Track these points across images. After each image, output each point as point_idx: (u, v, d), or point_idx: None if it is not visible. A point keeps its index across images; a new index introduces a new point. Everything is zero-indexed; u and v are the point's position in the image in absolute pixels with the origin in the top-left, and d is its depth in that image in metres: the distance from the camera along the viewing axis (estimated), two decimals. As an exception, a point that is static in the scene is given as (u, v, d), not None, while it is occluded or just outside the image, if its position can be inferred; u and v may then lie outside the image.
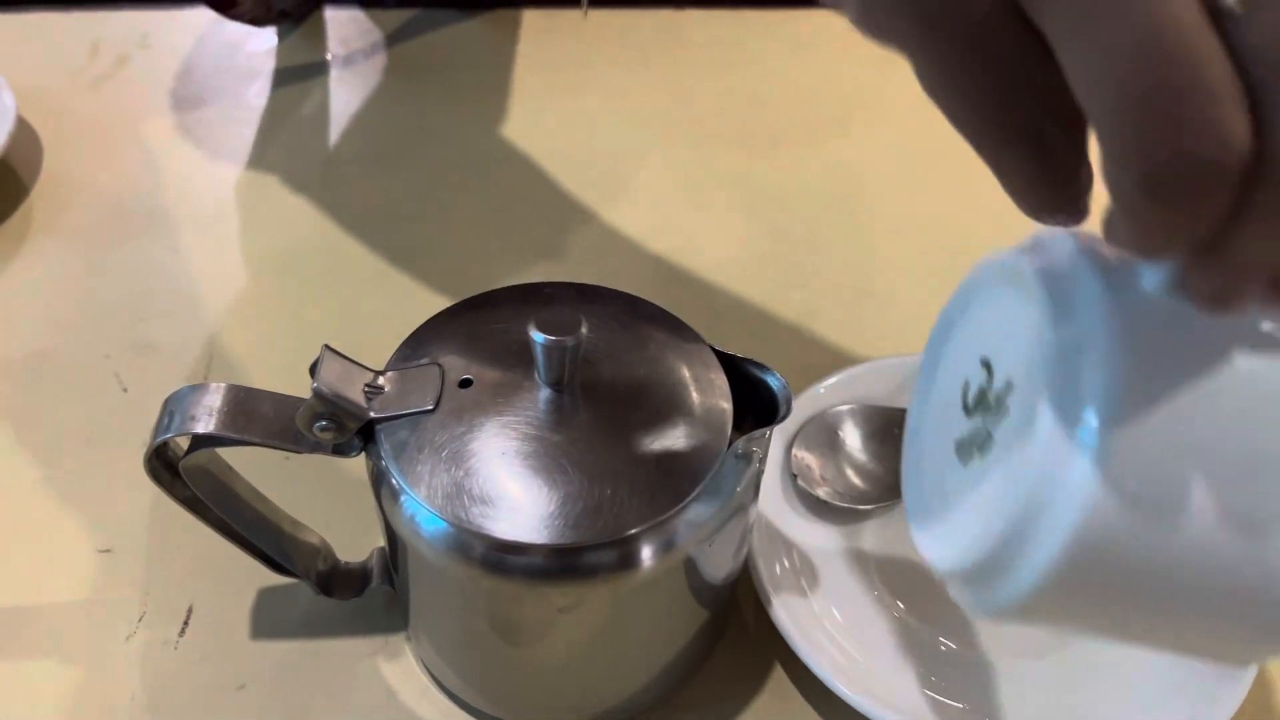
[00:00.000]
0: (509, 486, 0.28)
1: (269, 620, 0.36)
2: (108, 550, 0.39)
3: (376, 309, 0.47)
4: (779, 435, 0.39)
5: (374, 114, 0.58)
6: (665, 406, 0.30)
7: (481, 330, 0.32)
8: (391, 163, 0.55)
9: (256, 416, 0.30)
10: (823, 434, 0.39)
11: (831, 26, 0.65)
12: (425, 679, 0.35)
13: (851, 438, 0.39)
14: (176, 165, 0.55)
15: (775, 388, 0.30)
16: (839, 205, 0.53)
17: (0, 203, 0.51)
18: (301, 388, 0.29)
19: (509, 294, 0.33)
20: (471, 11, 0.65)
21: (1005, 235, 0.24)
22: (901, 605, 0.36)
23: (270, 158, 0.55)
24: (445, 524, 0.28)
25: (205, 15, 0.59)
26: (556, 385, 0.30)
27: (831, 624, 0.35)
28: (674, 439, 0.29)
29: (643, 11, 0.66)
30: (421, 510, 0.28)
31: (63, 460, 0.41)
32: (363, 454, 0.31)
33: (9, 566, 0.38)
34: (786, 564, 0.36)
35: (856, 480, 0.38)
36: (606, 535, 0.28)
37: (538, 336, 0.29)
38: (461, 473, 0.28)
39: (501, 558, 0.28)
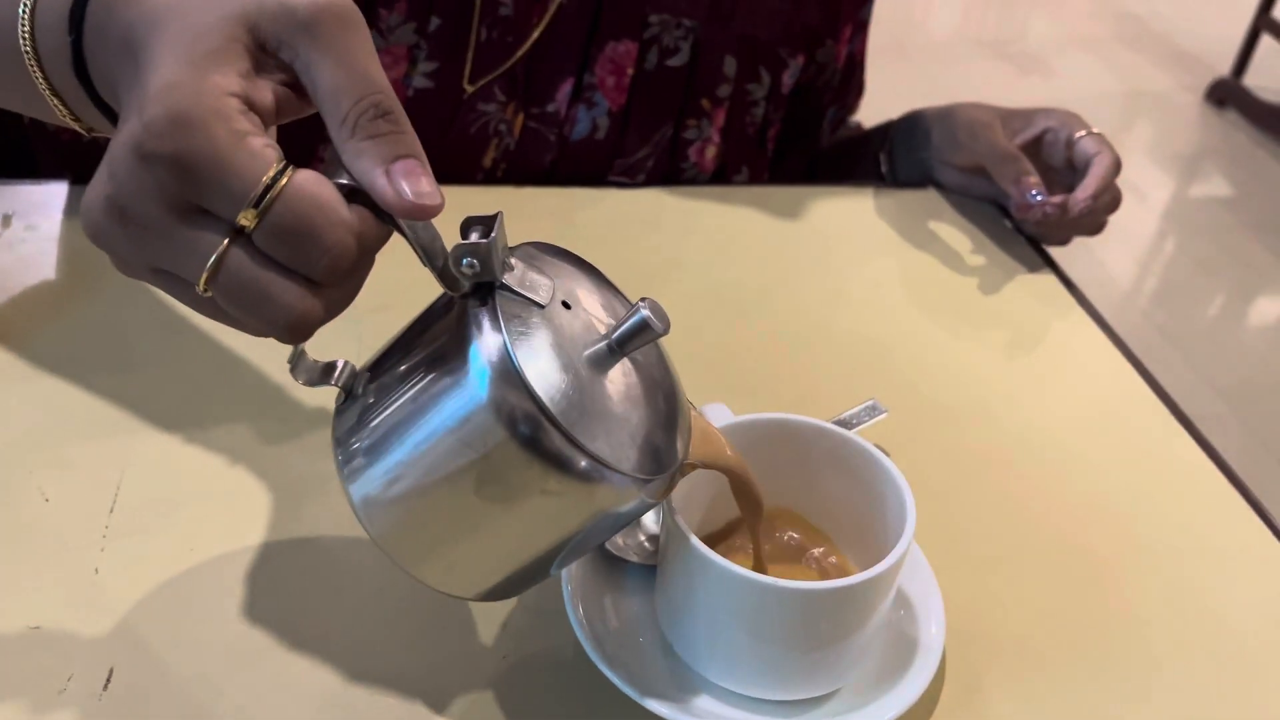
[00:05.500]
0: (565, 383, 0.37)
1: (179, 681, 0.45)
2: (37, 627, 0.47)
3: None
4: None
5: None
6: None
7: (585, 274, 0.42)
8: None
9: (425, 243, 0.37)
10: (623, 512, 0.51)
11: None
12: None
13: (646, 516, 0.51)
14: (82, 311, 0.64)
15: None
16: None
17: (-71, 348, 0.60)
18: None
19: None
20: None
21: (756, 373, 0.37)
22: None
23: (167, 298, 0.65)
24: (513, 382, 0.36)
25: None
26: (620, 347, 0.39)
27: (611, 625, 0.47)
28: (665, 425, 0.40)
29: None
30: (502, 362, 0.36)
31: (-6, 557, 0.50)
32: (464, 298, 0.38)
33: (-46, 641, 0.46)
34: (602, 600, 0.48)
35: (647, 545, 0.50)
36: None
37: (642, 312, 0.38)
38: (543, 359, 0.37)
39: (539, 427, 0.36)
